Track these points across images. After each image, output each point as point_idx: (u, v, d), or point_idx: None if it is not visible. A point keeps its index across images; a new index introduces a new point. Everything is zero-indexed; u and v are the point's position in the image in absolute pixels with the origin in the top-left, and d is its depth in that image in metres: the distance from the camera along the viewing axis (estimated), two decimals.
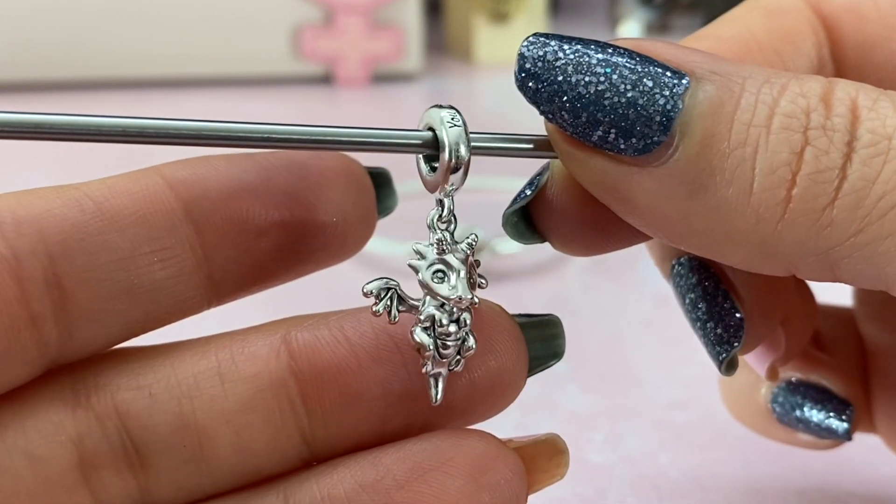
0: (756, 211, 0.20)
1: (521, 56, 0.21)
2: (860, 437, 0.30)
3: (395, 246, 0.53)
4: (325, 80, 0.91)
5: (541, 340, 0.24)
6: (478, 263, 0.23)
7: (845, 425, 0.29)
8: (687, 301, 0.27)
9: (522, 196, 0.24)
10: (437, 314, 0.22)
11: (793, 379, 0.30)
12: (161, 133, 0.22)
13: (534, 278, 0.25)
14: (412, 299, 0.22)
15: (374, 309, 0.22)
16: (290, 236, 0.24)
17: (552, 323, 0.24)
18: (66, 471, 0.22)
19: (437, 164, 0.22)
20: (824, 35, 0.26)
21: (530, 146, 0.22)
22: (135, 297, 0.23)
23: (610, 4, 1.11)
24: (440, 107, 0.22)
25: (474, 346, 0.22)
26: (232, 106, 0.85)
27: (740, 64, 0.21)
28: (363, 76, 0.91)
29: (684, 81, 0.20)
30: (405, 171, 0.27)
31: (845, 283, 0.21)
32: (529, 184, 0.24)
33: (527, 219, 0.24)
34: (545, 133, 0.22)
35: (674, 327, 0.29)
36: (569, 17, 1.14)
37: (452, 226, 0.23)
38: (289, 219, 0.24)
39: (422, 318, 0.22)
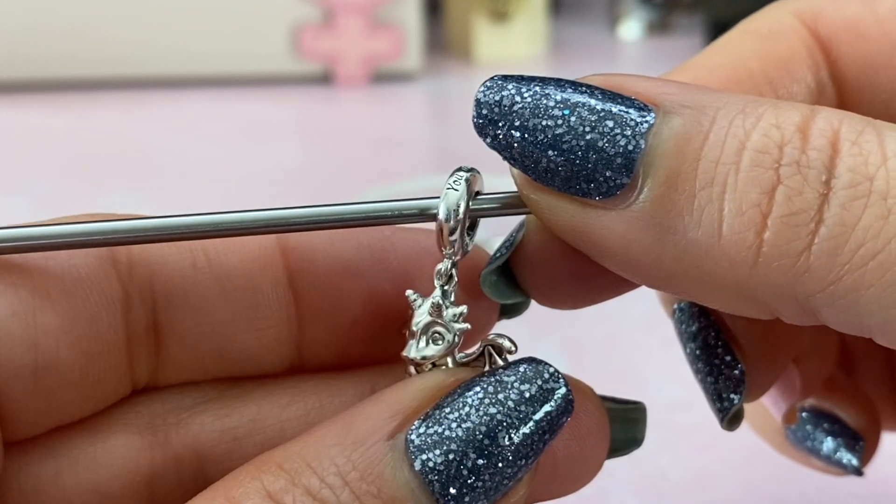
0: (727, 254, 0.19)
1: (478, 102, 0.20)
2: None
3: None
4: (325, 79, 0.91)
5: (621, 423, 0.23)
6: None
7: (855, 461, 0.28)
8: (688, 350, 0.26)
9: (499, 255, 0.23)
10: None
11: (806, 406, 0.29)
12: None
13: None
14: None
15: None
16: (387, 327, 0.23)
17: (637, 409, 0.24)
18: None
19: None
20: (822, 57, 0.25)
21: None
22: (223, 360, 0.23)
23: (610, 4, 1.11)
24: (460, 170, 0.22)
25: None
26: (231, 105, 0.85)
27: (717, 93, 0.20)
28: (363, 75, 0.91)
29: (649, 118, 0.19)
30: (402, 170, 0.27)
31: (832, 328, 0.20)
32: (506, 243, 0.24)
33: (507, 277, 0.24)
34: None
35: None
36: (569, 17, 1.14)
37: (451, 282, 0.22)
38: (388, 310, 0.23)
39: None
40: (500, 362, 0.22)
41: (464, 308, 0.22)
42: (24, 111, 0.83)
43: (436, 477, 0.19)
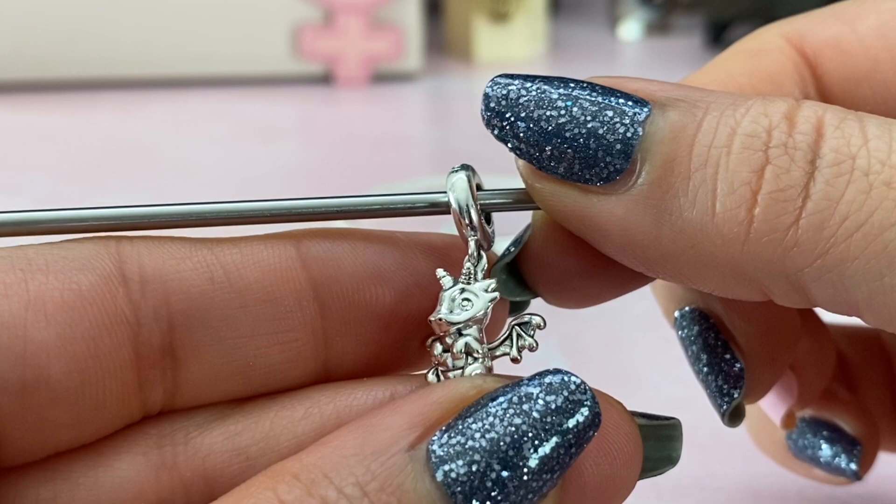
0: (721, 231, 0.20)
1: (486, 96, 0.21)
2: None
3: None
4: (325, 79, 0.91)
5: (655, 440, 0.22)
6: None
7: (853, 466, 0.29)
8: (689, 353, 0.27)
9: (507, 253, 0.24)
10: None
11: (806, 416, 0.30)
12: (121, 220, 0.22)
13: None
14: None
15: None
16: (416, 332, 0.23)
17: (671, 426, 0.23)
18: None
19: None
20: (808, 72, 0.26)
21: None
22: (246, 377, 0.22)
23: (610, 4, 1.11)
24: (458, 169, 0.22)
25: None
26: (231, 105, 0.85)
27: (709, 90, 0.21)
28: (363, 76, 0.91)
29: (645, 109, 0.21)
30: (402, 170, 0.27)
31: (821, 308, 0.20)
32: (514, 241, 0.24)
33: (515, 275, 0.24)
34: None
35: None
36: (569, 17, 1.14)
37: (480, 263, 0.23)
38: (416, 313, 0.23)
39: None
40: (528, 339, 0.22)
41: (493, 281, 0.22)
42: (24, 111, 0.83)
43: (458, 488, 0.18)
